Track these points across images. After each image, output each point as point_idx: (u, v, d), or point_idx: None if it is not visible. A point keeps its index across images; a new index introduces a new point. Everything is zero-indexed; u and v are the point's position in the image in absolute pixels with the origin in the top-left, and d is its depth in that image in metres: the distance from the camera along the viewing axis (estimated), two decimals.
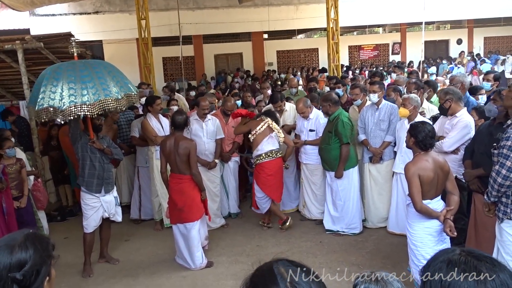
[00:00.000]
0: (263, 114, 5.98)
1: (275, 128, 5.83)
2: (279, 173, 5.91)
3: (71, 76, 4.37)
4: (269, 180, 5.83)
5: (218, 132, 6.18)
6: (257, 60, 21.57)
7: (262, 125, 5.79)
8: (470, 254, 1.33)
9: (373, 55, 23.64)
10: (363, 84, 7.12)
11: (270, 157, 5.78)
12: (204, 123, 6.06)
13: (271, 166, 5.81)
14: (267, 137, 5.80)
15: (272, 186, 5.86)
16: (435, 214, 3.65)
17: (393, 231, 5.56)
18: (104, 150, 4.97)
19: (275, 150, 5.84)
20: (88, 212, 5.01)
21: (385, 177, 5.73)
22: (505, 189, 3.30)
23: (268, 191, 5.86)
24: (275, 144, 5.86)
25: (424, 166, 3.66)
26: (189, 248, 4.98)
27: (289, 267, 1.19)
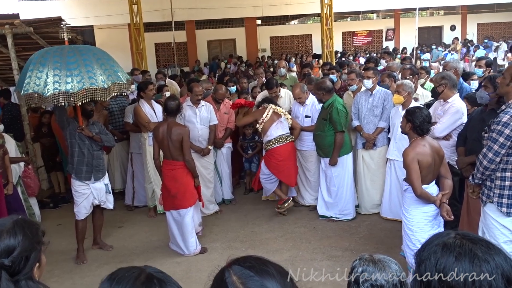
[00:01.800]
0: (264, 102, 5.93)
1: (281, 112, 5.82)
2: (291, 158, 5.85)
3: (57, 63, 4.29)
4: (281, 165, 5.79)
5: (212, 118, 6.14)
6: (250, 46, 21.43)
7: (268, 112, 5.75)
8: (465, 237, 1.32)
9: (366, 41, 23.57)
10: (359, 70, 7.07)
11: (280, 142, 5.74)
12: (198, 109, 6.01)
13: (282, 151, 5.76)
14: (276, 122, 5.77)
15: (284, 171, 5.82)
16: (432, 198, 3.67)
17: (386, 216, 5.59)
18: (93, 137, 4.91)
19: (285, 135, 5.79)
20: (79, 199, 4.97)
21: (378, 164, 5.73)
22: (490, 172, 3.33)
23: (282, 176, 5.84)
24: (285, 128, 5.83)
25: (423, 151, 3.66)
26: (182, 234, 4.97)
27: (242, 272, 1.14)
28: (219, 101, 6.46)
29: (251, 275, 1.11)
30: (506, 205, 3.30)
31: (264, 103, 5.91)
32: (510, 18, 23.38)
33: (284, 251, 4.99)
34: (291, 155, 5.87)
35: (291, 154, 5.86)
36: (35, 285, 1.65)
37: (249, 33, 21.37)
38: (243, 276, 1.12)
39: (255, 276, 1.11)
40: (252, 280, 1.11)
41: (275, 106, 5.82)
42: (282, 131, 5.77)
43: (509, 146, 3.19)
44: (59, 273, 4.80)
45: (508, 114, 3.17)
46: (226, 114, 6.52)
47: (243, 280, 1.11)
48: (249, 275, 1.12)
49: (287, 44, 22.83)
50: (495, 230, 3.38)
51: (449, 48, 18.72)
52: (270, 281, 1.11)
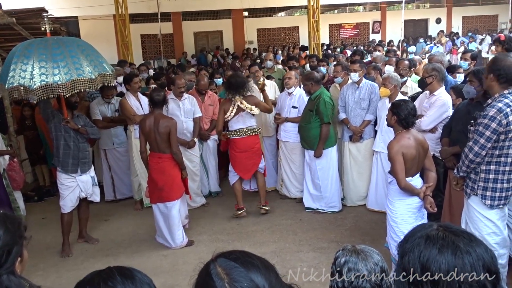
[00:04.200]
0: (229, 89, 5.52)
1: (246, 107, 5.54)
2: (248, 151, 5.62)
3: (42, 54, 4.23)
4: (237, 157, 5.66)
5: (195, 110, 6.11)
6: (237, 38, 21.34)
7: (232, 109, 5.55)
8: (448, 229, 1.34)
9: (353, 34, 23.63)
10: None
11: (238, 135, 5.61)
12: (181, 102, 5.98)
13: (239, 143, 5.61)
14: (236, 116, 5.58)
15: (238, 164, 5.67)
16: (416, 191, 3.71)
17: (372, 208, 5.64)
18: (79, 129, 4.86)
19: (245, 128, 5.59)
20: (65, 192, 4.93)
21: (364, 156, 5.78)
22: (475, 165, 3.37)
23: (236, 168, 5.71)
24: (246, 121, 5.61)
25: (407, 144, 3.69)
26: (169, 227, 4.97)
27: (227, 263, 1.14)
28: (202, 93, 6.42)
29: (236, 266, 1.12)
30: (490, 198, 3.35)
31: (230, 91, 5.49)
32: (494, 11, 23.64)
33: (271, 243, 5.01)
34: (249, 149, 5.62)
35: (249, 147, 5.62)
36: (17, 279, 1.64)
37: (236, 25, 21.27)
38: (228, 267, 1.13)
39: (239, 267, 1.12)
40: (236, 271, 1.11)
41: (239, 98, 5.49)
42: (242, 125, 5.60)
43: (495, 140, 3.23)
44: (44, 266, 4.76)
45: (494, 107, 3.20)
46: (211, 106, 6.49)
47: (228, 271, 1.12)
48: (234, 266, 1.13)
49: (274, 36, 22.78)
50: (479, 223, 3.43)
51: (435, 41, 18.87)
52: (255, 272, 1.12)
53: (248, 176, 5.78)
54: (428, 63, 5.63)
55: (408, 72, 5.91)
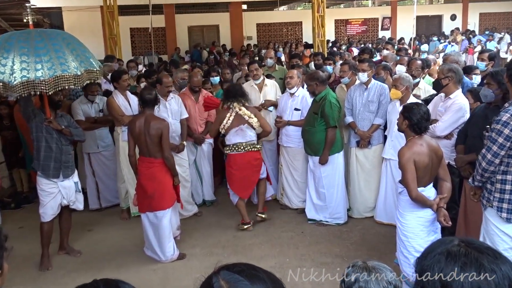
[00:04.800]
0: (227, 98, 5.63)
1: (245, 114, 5.57)
2: (247, 169, 5.65)
3: (23, 48, 4.23)
4: (234, 174, 5.67)
5: (182, 111, 6.12)
6: (235, 33, 21.38)
7: (229, 117, 5.58)
8: (470, 245, 1.33)
9: (361, 30, 23.71)
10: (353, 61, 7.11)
11: (236, 150, 5.60)
12: (168, 103, 5.98)
13: (237, 160, 5.62)
14: (235, 129, 5.59)
15: (236, 182, 5.66)
16: (429, 202, 3.70)
17: (381, 220, 5.64)
18: (62, 130, 4.85)
19: (245, 143, 5.61)
20: (45, 198, 4.91)
21: (373, 163, 5.78)
22: (489, 174, 3.38)
23: (233, 186, 5.70)
24: (246, 136, 5.62)
25: (419, 151, 3.69)
26: (159, 238, 4.95)
27: (231, 276, 1.14)
28: (196, 91, 6.41)
29: (240, 280, 1.12)
30: (506, 211, 3.34)
31: (228, 99, 5.61)
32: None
33: (270, 257, 5.00)
34: (248, 166, 5.64)
35: (248, 164, 5.64)
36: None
37: (234, 19, 21.31)
38: (232, 281, 1.12)
39: (244, 281, 1.11)
40: (241, 284, 1.11)
41: (239, 106, 5.55)
42: (241, 139, 5.61)
43: (509, 147, 3.23)
44: (21, 281, 4.73)
45: (508, 112, 3.21)
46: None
47: (231, 284, 1.12)
48: (238, 279, 1.12)
49: (275, 32, 22.83)
50: (495, 237, 3.43)
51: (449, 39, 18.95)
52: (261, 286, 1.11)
53: (247, 195, 5.79)
54: (444, 63, 5.65)
55: (421, 72, 5.92)
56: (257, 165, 5.74)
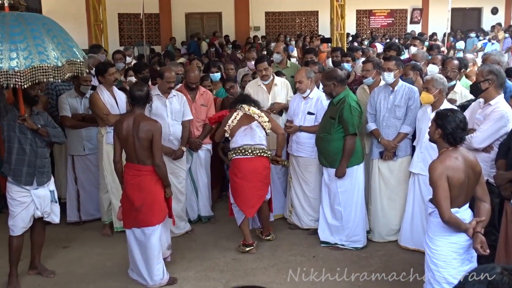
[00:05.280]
0: (237, 102, 5.80)
1: (254, 113, 5.67)
2: (254, 178, 5.62)
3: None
4: (237, 184, 5.64)
5: (185, 112, 6.14)
6: (240, 23, 21.45)
7: (236, 116, 5.66)
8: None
9: (386, 23, 23.77)
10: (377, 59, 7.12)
11: (243, 154, 5.60)
12: (168, 100, 6.01)
13: (243, 166, 5.61)
14: (244, 127, 5.63)
15: (241, 195, 5.63)
16: (464, 226, 3.69)
17: (406, 245, 5.62)
18: (38, 130, 4.87)
19: (253, 146, 5.60)
20: (15, 209, 4.92)
21: (398, 178, 5.77)
22: None
23: (237, 199, 5.67)
24: (255, 138, 5.64)
25: (454, 166, 3.69)
26: (146, 259, 4.95)
27: None
28: (192, 88, 6.44)
29: None
30: None
31: (237, 103, 5.77)
32: None
33: (276, 285, 4.99)
34: (256, 175, 5.63)
35: (256, 173, 5.62)
36: None
37: (239, 6, 21.39)
38: None
39: None
40: None
41: (248, 107, 5.66)
42: (250, 141, 5.62)
43: None
44: None
45: None
46: (204, 107, 6.51)
47: None
48: None
49: (287, 22, 22.90)
50: None
51: (489, 36, 18.96)
52: None
53: (252, 212, 5.72)
54: (483, 64, 5.66)
55: (457, 74, 5.91)
56: (266, 175, 5.75)
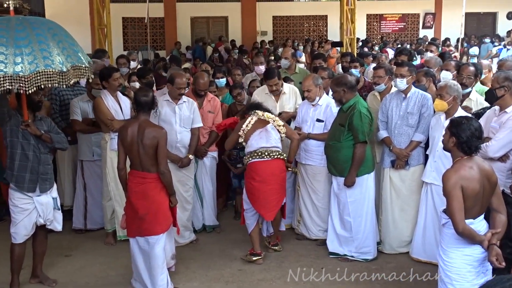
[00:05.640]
0: (249, 109, 5.90)
1: (269, 118, 5.76)
2: (272, 181, 5.66)
3: (2, 37, 4.31)
4: (256, 188, 5.65)
5: (195, 119, 6.16)
6: (247, 27, 21.54)
7: (250, 120, 5.73)
8: None
9: (398, 27, 23.80)
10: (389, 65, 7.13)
11: (261, 157, 5.63)
12: (178, 107, 6.03)
13: (261, 169, 5.63)
14: (259, 130, 5.69)
15: (260, 199, 5.65)
16: (478, 238, 3.68)
17: (418, 257, 5.60)
18: (41, 136, 4.90)
19: (270, 148, 5.65)
20: (18, 216, 4.94)
21: (410, 188, 5.76)
22: None
23: (256, 204, 5.68)
24: (271, 140, 5.69)
25: (469, 175, 3.68)
26: (150, 269, 4.95)
27: None
28: (201, 95, 6.47)
29: None
30: None
31: (250, 110, 5.88)
32: None
33: None
34: (274, 178, 5.67)
35: (274, 175, 5.67)
36: None
37: (246, 10, 21.48)
38: None
39: None
40: None
41: (262, 113, 5.75)
42: (266, 143, 5.66)
43: None
44: None
45: None
46: (211, 113, 6.54)
47: None
48: None
49: (295, 27, 22.98)
50: None
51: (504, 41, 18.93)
52: None
53: (272, 215, 5.71)
54: (499, 71, 5.65)
55: (473, 81, 5.90)
56: (283, 178, 5.80)
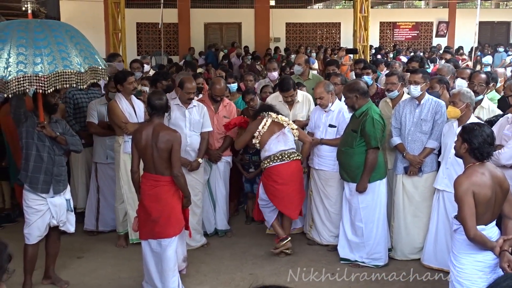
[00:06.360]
0: (261, 111, 6.07)
1: (283, 121, 5.92)
2: (294, 182, 5.95)
3: (22, 38, 4.36)
4: (280, 190, 5.87)
5: (205, 123, 6.20)
6: (260, 33, 21.59)
7: (265, 122, 5.90)
8: None
9: (411, 36, 23.76)
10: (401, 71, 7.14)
11: (281, 160, 5.84)
12: (188, 111, 6.08)
13: (283, 171, 5.85)
14: (276, 134, 5.89)
15: (284, 199, 5.88)
16: (490, 244, 3.68)
17: (430, 264, 5.58)
18: (56, 138, 4.95)
19: (288, 150, 5.89)
20: (31, 217, 4.98)
21: (423, 195, 5.75)
22: None
23: (280, 205, 5.91)
24: (288, 143, 5.93)
25: (480, 181, 3.68)
26: (162, 272, 4.97)
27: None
28: (217, 100, 6.51)
29: None
30: None
31: (262, 111, 6.04)
32: None
33: None
34: (295, 178, 5.96)
35: (294, 176, 5.95)
36: None
37: (260, 16, 21.54)
38: None
39: None
40: None
41: (276, 115, 5.94)
42: (284, 146, 5.88)
43: None
44: None
45: None
46: (226, 118, 6.57)
47: None
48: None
49: (308, 34, 23.01)
50: None
51: None
52: None
53: (297, 214, 6.07)
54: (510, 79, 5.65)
55: (485, 88, 5.91)
56: (302, 178, 6.12)
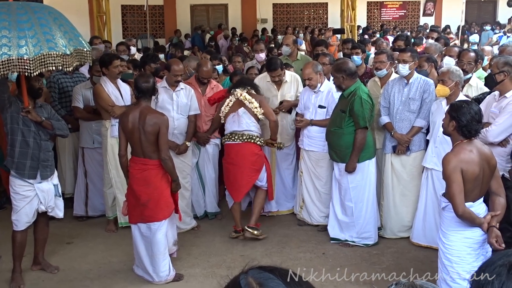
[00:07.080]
0: (235, 87, 6.06)
1: (245, 99, 5.89)
2: (241, 164, 5.90)
3: (4, 21, 4.31)
4: (227, 169, 6.07)
5: (192, 106, 6.18)
6: (247, 15, 21.44)
7: (228, 102, 5.98)
8: None
9: (398, 15, 23.68)
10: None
11: (232, 140, 5.93)
12: (175, 93, 6.05)
13: (230, 151, 6.00)
14: (232, 114, 5.95)
15: (229, 178, 6.05)
16: (478, 220, 3.71)
17: (419, 242, 5.64)
18: (42, 123, 4.92)
19: (240, 132, 5.88)
20: (19, 203, 4.96)
21: (411, 173, 5.78)
22: None
23: (227, 182, 6.12)
24: (242, 124, 5.89)
25: (468, 159, 3.71)
26: (152, 255, 4.99)
27: (260, 274, 1.21)
28: (204, 82, 6.48)
29: (272, 277, 1.18)
30: None
31: (235, 88, 6.05)
32: None
33: None
34: (243, 161, 5.92)
35: (243, 158, 5.92)
36: None
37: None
38: (262, 278, 1.20)
39: (276, 279, 1.17)
40: (273, 282, 1.17)
41: (241, 92, 5.92)
42: (237, 127, 5.91)
43: None
44: None
45: None
46: None
47: (261, 281, 1.19)
48: (269, 277, 1.19)
49: (295, 14, 22.86)
50: None
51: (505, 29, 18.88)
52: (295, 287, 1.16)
53: (238, 196, 5.97)
54: (499, 56, 5.66)
55: (473, 67, 5.92)
56: (255, 162, 5.95)
